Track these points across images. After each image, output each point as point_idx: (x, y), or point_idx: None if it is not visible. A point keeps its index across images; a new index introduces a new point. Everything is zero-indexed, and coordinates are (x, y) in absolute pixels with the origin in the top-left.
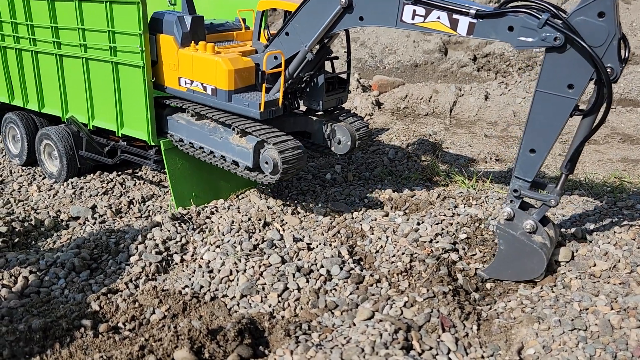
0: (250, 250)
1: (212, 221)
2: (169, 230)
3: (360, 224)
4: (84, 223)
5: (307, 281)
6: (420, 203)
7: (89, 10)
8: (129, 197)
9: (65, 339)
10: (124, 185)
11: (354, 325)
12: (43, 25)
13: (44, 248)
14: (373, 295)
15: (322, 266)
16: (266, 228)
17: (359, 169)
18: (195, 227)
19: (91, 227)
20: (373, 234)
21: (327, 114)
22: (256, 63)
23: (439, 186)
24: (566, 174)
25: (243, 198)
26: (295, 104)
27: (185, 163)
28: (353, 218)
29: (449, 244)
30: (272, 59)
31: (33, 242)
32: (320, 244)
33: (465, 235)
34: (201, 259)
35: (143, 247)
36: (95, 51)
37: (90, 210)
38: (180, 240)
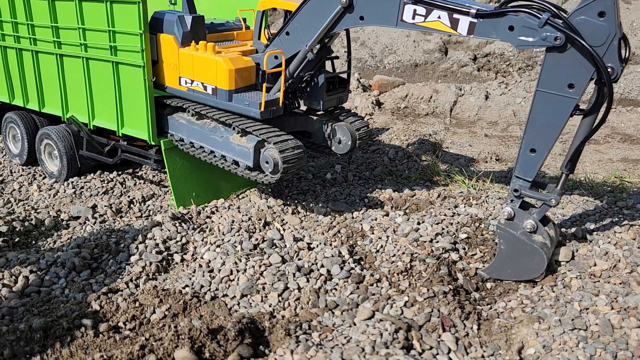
0: (250, 250)
1: (213, 221)
2: (169, 230)
3: (361, 224)
4: (85, 223)
5: (308, 281)
6: (421, 203)
7: (89, 10)
8: (129, 197)
9: (65, 338)
10: (124, 185)
11: (355, 324)
12: (43, 24)
13: (45, 247)
14: (373, 294)
15: (323, 266)
16: (266, 228)
17: (359, 168)
18: (195, 227)
19: (91, 227)
20: (373, 233)
21: (328, 114)
22: (256, 63)
23: (439, 186)
24: (566, 174)
25: (243, 198)
26: (295, 104)
27: (185, 163)
28: (353, 218)
29: (450, 243)
30: (273, 58)
31: (33, 242)
32: (320, 243)
33: (465, 235)
34: (201, 258)
35: (143, 247)
36: (96, 51)
37: (90, 209)
38: (180, 240)
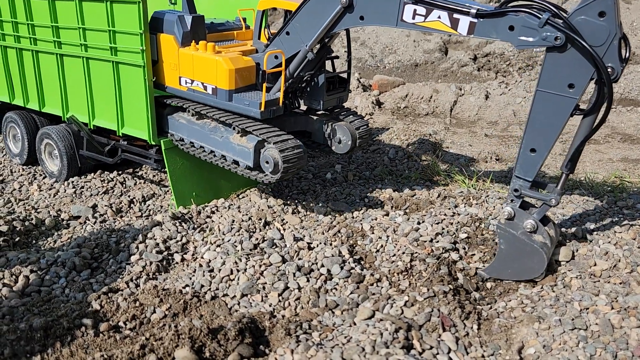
0: (250, 250)
1: (213, 220)
2: (169, 230)
3: (361, 224)
4: (85, 222)
5: (308, 280)
6: (421, 202)
7: (89, 10)
8: (129, 197)
9: (66, 338)
10: (124, 185)
11: (355, 324)
12: (44, 24)
13: (45, 247)
14: (373, 294)
15: (323, 265)
16: (267, 227)
17: (359, 168)
18: (195, 227)
19: (92, 227)
20: (373, 233)
21: (328, 113)
22: (257, 62)
23: (439, 186)
24: (567, 174)
25: (243, 197)
26: (295, 104)
27: (185, 162)
28: (353, 217)
29: (450, 243)
30: (273, 58)
31: (34, 241)
32: (320, 243)
33: (465, 234)
34: (202, 258)
35: (144, 247)
36: (96, 51)
37: (90, 209)
38: (180, 240)
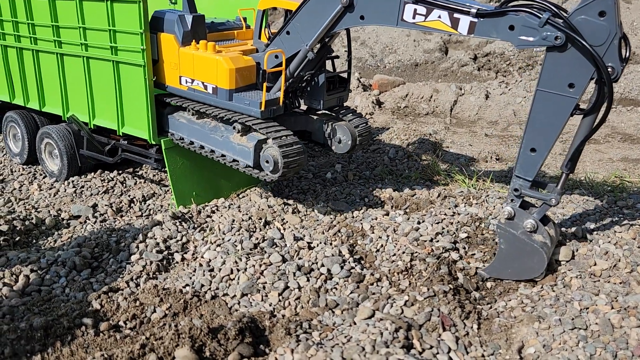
0: (250, 249)
1: (213, 220)
2: (169, 229)
3: (361, 223)
4: (85, 222)
5: (308, 280)
6: (421, 202)
7: (90, 9)
8: (129, 196)
9: (66, 337)
10: (124, 184)
11: (355, 324)
12: (44, 24)
13: (45, 247)
14: (374, 294)
15: (323, 265)
16: (267, 227)
17: (359, 168)
18: (196, 226)
19: (92, 226)
20: (374, 233)
21: (328, 113)
22: (257, 62)
23: (439, 185)
24: (567, 173)
25: (244, 197)
26: (295, 103)
27: (186, 162)
28: (353, 217)
29: (450, 243)
30: (273, 57)
31: (34, 241)
32: (320, 242)
33: (465, 234)
34: (202, 257)
35: (144, 246)
36: (96, 50)
37: (91, 209)
38: (181, 239)
